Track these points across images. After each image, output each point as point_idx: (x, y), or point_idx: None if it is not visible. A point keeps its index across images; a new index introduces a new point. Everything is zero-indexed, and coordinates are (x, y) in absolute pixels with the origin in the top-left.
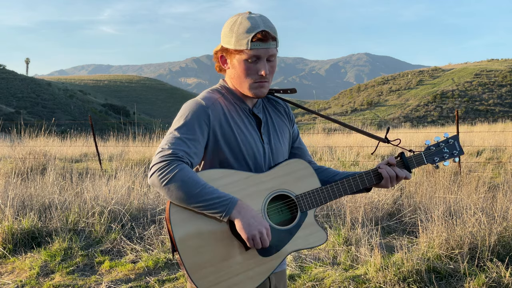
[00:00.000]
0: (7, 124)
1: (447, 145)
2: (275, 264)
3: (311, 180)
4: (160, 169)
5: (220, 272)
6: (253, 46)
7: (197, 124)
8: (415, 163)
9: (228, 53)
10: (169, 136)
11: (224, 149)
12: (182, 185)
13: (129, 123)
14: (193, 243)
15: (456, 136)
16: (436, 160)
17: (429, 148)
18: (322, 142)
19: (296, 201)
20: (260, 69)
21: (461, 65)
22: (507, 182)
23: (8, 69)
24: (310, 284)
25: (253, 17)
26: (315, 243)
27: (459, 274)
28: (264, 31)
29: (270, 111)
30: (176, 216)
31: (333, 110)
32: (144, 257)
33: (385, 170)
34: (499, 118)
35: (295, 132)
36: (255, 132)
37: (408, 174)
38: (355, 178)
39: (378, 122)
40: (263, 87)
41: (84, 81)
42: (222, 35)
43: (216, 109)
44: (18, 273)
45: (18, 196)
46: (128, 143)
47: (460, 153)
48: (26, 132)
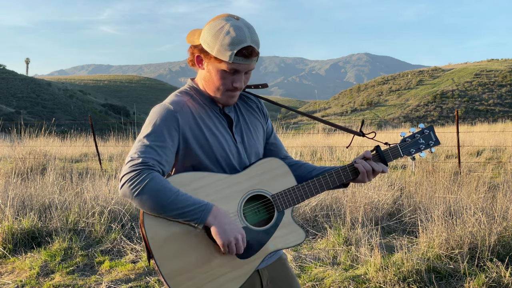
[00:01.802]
0: (7, 124)
1: (423, 136)
2: (255, 265)
3: (287, 178)
4: (130, 179)
5: (198, 276)
6: (235, 60)
7: (166, 130)
8: (391, 156)
9: (207, 56)
10: (138, 144)
11: (197, 152)
12: (154, 195)
13: (129, 123)
14: (169, 249)
15: (431, 126)
16: (412, 152)
17: (404, 140)
18: (322, 142)
19: (273, 201)
20: (235, 81)
21: (461, 65)
22: (507, 182)
23: (8, 69)
24: (310, 284)
25: (240, 28)
26: (293, 242)
27: (459, 274)
28: (250, 48)
29: (241, 109)
30: (150, 222)
31: (333, 110)
32: (144, 257)
33: (361, 165)
34: (499, 118)
35: (269, 128)
36: (227, 133)
37: (384, 168)
38: (331, 174)
39: (378, 122)
40: (234, 97)
41: (84, 81)
42: (203, 35)
43: (184, 113)
44: (18, 273)
45: (18, 196)
46: (128, 143)
47: (436, 143)
48: (26, 132)
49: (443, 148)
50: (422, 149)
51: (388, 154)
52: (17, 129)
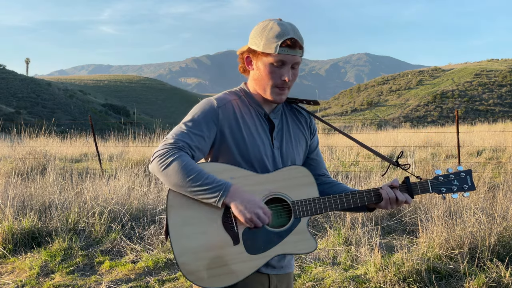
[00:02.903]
0: (7, 124)
1: (458, 178)
2: (260, 264)
3: (310, 189)
4: (160, 155)
5: (204, 260)
6: (281, 51)
7: (204, 121)
8: (419, 189)
9: (255, 55)
10: (175, 129)
11: (232, 149)
12: (178, 171)
13: (129, 123)
14: (185, 229)
15: (469, 170)
16: (443, 191)
17: (437, 178)
18: (322, 142)
19: (292, 206)
20: (283, 74)
21: (461, 65)
22: (507, 182)
23: (8, 69)
24: (310, 284)
25: (284, 24)
26: (303, 250)
27: (459, 274)
28: (294, 39)
29: (288, 119)
30: (174, 202)
31: (333, 110)
32: (144, 257)
33: (385, 191)
34: (499, 118)
35: (314, 144)
36: (266, 136)
37: (408, 199)
38: (355, 194)
39: (378, 122)
40: (283, 94)
41: (84, 81)
42: (250, 37)
43: (227, 109)
44: (18, 273)
45: (18, 196)
46: (128, 143)
47: (471, 189)
48: (26, 132)
49: (443, 148)
50: (455, 191)
51: (417, 187)
52: (17, 129)
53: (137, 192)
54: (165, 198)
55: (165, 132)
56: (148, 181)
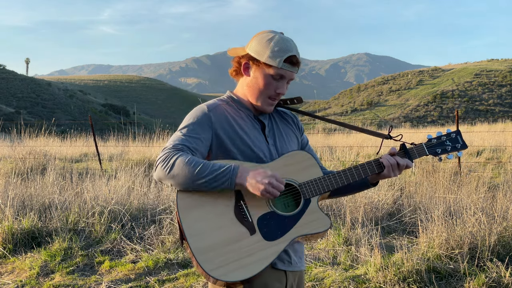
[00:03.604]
0: (7, 124)
1: (449, 139)
2: (280, 248)
3: (314, 170)
4: (162, 160)
5: (225, 255)
6: (283, 66)
7: (198, 125)
8: (416, 153)
9: (256, 63)
10: (172, 137)
11: (230, 149)
12: (184, 166)
13: (129, 123)
14: (199, 228)
15: (458, 131)
16: (438, 151)
17: (430, 140)
18: (322, 142)
19: (299, 189)
20: (279, 88)
21: (461, 65)
22: (507, 182)
23: (8, 69)
24: (310, 284)
25: (288, 40)
26: (319, 228)
27: (459, 274)
28: (296, 57)
29: (276, 118)
30: (182, 203)
31: (333, 110)
32: (144, 257)
33: (386, 159)
34: (499, 118)
35: (304, 140)
36: (260, 134)
37: (409, 162)
38: (357, 167)
39: (378, 122)
40: (272, 106)
41: (84, 81)
42: (253, 45)
43: (218, 112)
44: (18, 273)
45: (18, 196)
46: (128, 143)
47: (463, 147)
48: (26, 132)
49: None
50: (449, 151)
51: (413, 152)
52: (17, 129)
53: (137, 192)
54: (165, 198)
55: (165, 132)
56: (148, 181)
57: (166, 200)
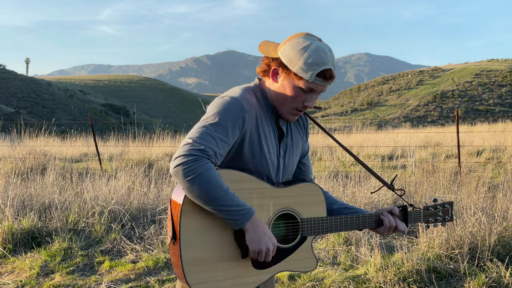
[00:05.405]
0: (7, 124)
1: (443, 210)
2: (264, 279)
3: (320, 208)
4: (186, 162)
5: (212, 272)
6: (315, 81)
7: (231, 126)
8: (413, 219)
9: (286, 72)
10: (202, 130)
11: (246, 155)
12: (205, 186)
13: (129, 123)
14: (197, 237)
15: (451, 202)
16: (430, 221)
17: (427, 208)
18: (322, 142)
19: (301, 224)
20: (308, 101)
21: (461, 65)
22: (507, 182)
23: (8, 69)
24: (310, 284)
25: (324, 50)
26: (305, 268)
27: (459, 274)
28: (330, 71)
29: (291, 124)
30: (189, 206)
31: (333, 110)
32: (144, 257)
33: (387, 219)
34: (499, 118)
35: (306, 148)
36: (276, 144)
37: (405, 228)
38: (358, 218)
39: (378, 122)
40: (297, 116)
41: (84, 81)
42: (286, 50)
43: (252, 114)
44: (18, 273)
45: (18, 196)
46: (128, 143)
47: (450, 220)
48: (26, 132)
49: (443, 148)
50: (438, 221)
51: (411, 218)
52: (17, 129)
53: (137, 192)
54: (165, 198)
55: (165, 132)
56: (148, 181)
57: (166, 200)
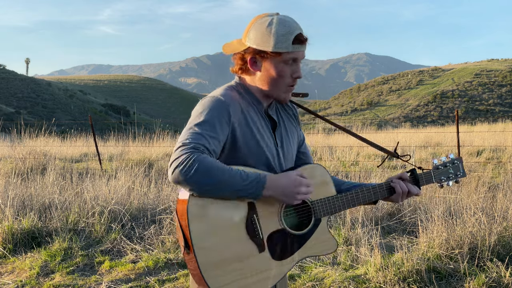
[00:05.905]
0: (7, 124)
1: (453, 166)
2: (287, 269)
3: (328, 187)
4: (181, 163)
5: (230, 273)
6: (294, 49)
7: (217, 121)
8: (424, 180)
9: (262, 55)
10: (189, 132)
11: (242, 149)
12: (207, 175)
13: (129, 123)
14: (209, 240)
15: (460, 158)
16: (443, 180)
17: (437, 168)
18: (322, 142)
19: (312, 207)
20: (295, 72)
21: (461, 65)
22: (507, 182)
23: (8, 69)
24: (310, 284)
25: (287, 20)
26: (326, 250)
27: (459, 274)
28: (302, 34)
29: (282, 113)
30: (194, 211)
31: (333, 110)
32: (144, 257)
33: (398, 185)
34: (499, 118)
35: (301, 137)
36: (270, 135)
37: (418, 191)
38: (369, 189)
39: (378, 122)
40: (291, 91)
41: (84, 81)
42: (253, 36)
43: (235, 107)
44: (18, 273)
45: (18, 196)
46: (128, 143)
47: (463, 175)
48: (26, 132)
49: (443, 148)
50: (451, 179)
51: (422, 179)
52: (17, 129)
53: (137, 192)
54: (165, 198)
55: (165, 132)
56: (148, 181)
57: (166, 200)
